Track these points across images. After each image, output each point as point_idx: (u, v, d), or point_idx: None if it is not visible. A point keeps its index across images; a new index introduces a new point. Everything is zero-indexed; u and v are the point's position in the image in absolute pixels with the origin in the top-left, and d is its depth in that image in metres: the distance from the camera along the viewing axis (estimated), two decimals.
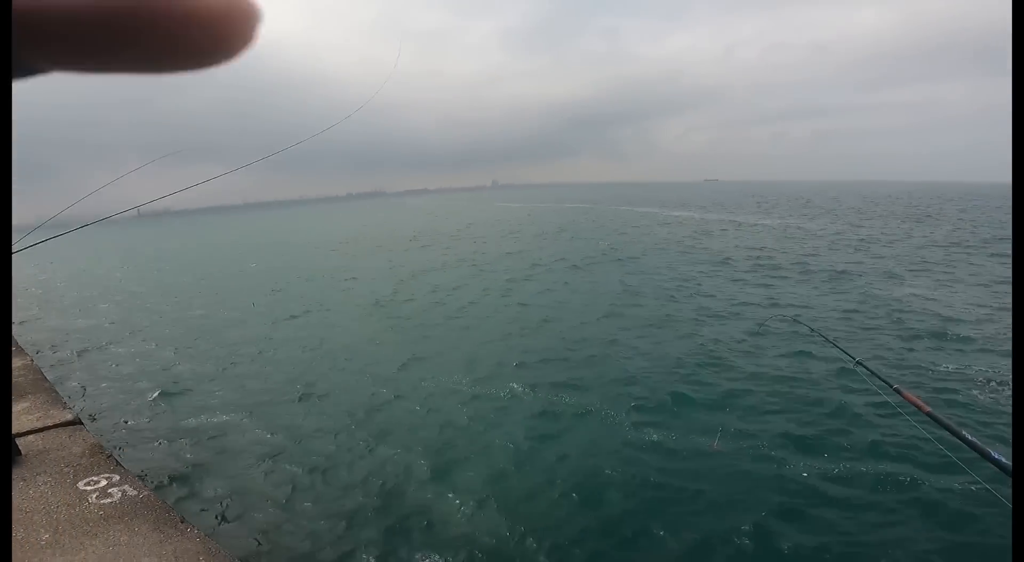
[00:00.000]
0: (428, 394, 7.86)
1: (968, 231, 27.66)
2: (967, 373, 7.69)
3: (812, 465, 5.39)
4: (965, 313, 10.94)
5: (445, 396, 7.75)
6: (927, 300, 12.16)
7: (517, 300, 14.09)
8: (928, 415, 2.45)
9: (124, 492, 3.59)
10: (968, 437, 2.39)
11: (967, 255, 18.96)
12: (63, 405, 5.35)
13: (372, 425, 6.95)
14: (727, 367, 8.25)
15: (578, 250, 24.04)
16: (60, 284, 22.04)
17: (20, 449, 3.98)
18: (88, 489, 3.60)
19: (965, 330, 9.68)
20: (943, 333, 9.56)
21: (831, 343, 3.50)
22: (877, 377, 2.59)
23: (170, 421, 7.41)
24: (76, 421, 4.91)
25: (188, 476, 5.81)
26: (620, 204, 70.61)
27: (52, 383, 6.17)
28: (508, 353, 9.53)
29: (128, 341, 12.09)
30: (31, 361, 6.37)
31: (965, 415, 6.36)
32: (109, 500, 3.47)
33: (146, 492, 3.69)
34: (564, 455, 5.87)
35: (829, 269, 16.50)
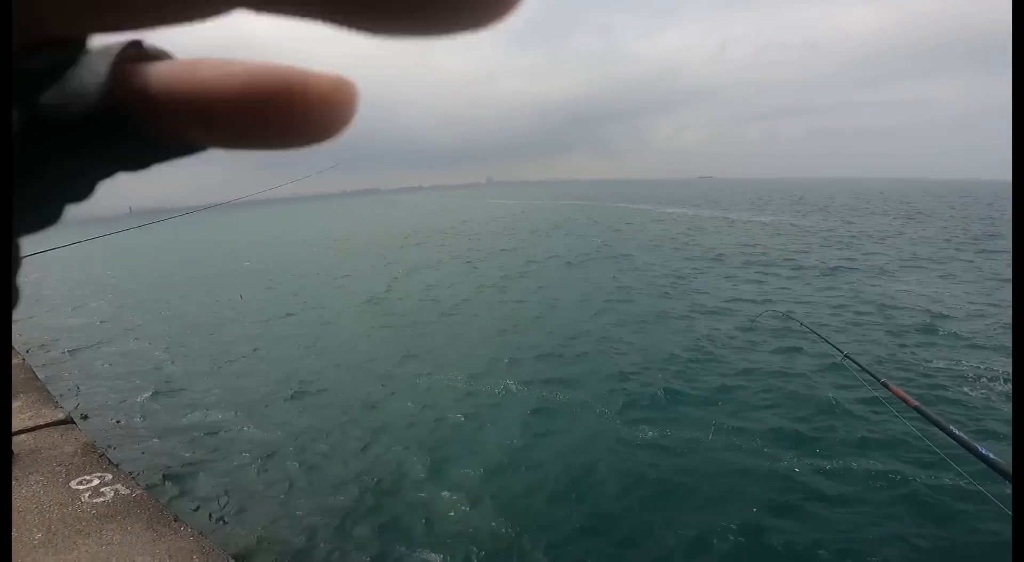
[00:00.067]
0: (423, 391, 7.87)
1: (960, 228, 27.89)
2: (957, 368, 7.75)
3: (799, 460, 5.43)
4: (955, 309, 11.05)
5: (440, 393, 7.76)
6: (917, 296, 12.27)
7: (511, 297, 14.10)
8: (915, 409, 2.47)
9: (117, 491, 3.58)
10: (955, 432, 2.38)
11: (957, 251, 19.13)
12: (55, 404, 5.33)
13: (367, 422, 6.95)
14: (719, 363, 8.31)
15: (572, 247, 24.06)
16: (52, 282, 21.85)
17: (12, 448, 3.97)
18: (81, 488, 3.59)
19: (955, 326, 9.78)
20: (933, 328, 9.65)
21: (821, 338, 3.54)
22: (864, 371, 2.62)
23: (163, 419, 7.39)
24: (68, 420, 4.90)
25: (181, 475, 5.80)
26: (614, 201, 70.66)
27: (44, 382, 6.15)
28: (502, 350, 9.54)
29: (120, 339, 12.02)
30: (23, 360, 6.35)
31: (954, 410, 6.41)
32: (102, 499, 3.47)
33: (139, 491, 3.69)
34: (557, 451, 5.91)
35: (821, 265, 16.61)
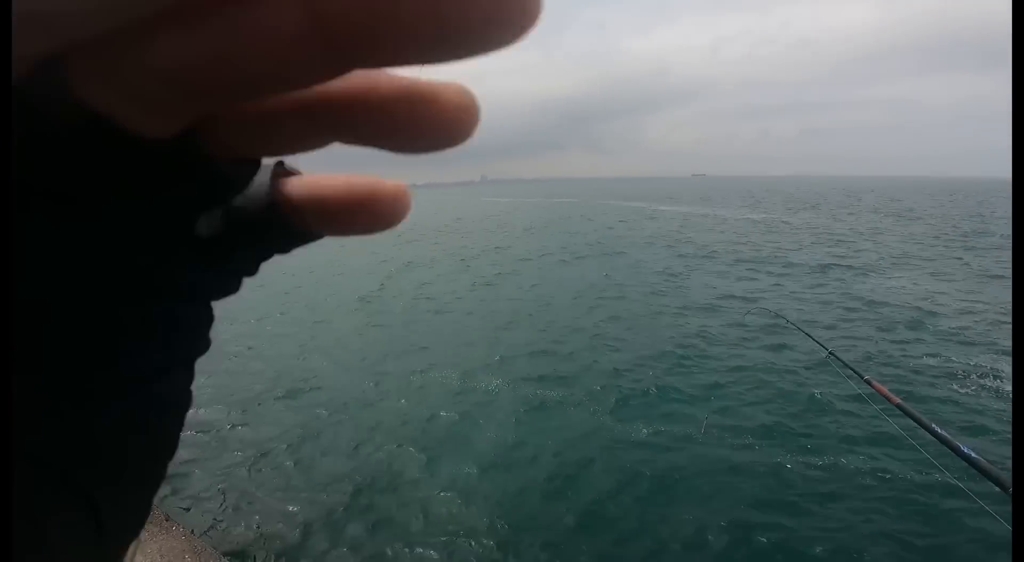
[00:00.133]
0: (416, 388, 7.88)
1: (950, 225, 28.19)
2: (945, 365, 7.82)
3: (784, 457, 5.48)
4: (944, 306, 11.17)
5: (433, 390, 7.77)
6: (906, 293, 12.40)
7: (504, 294, 14.12)
8: (898, 406, 2.49)
9: None
10: (937, 430, 2.38)
11: (947, 249, 19.33)
12: None
13: (359, 420, 6.96)
14: (709, 359, 8.38)
15: (566, 244, 24.09)
16: None
17: None
18: None
19: (944, 323, 9.90)
20: (922, 325, 9.76)
21: (807, 335, 3.58)
22: (848, 368, 2.66)
23: None
24: None
25: (173, 474, 5.78)
26: (608, 199, 70.79)
27: None
28: (495, 347, 9.56)
29: None
30: None
31: (943, 408, 6.47)
32: None
33: None
34: (549, 448, 5.94)
35: (810, 262, 16.74)
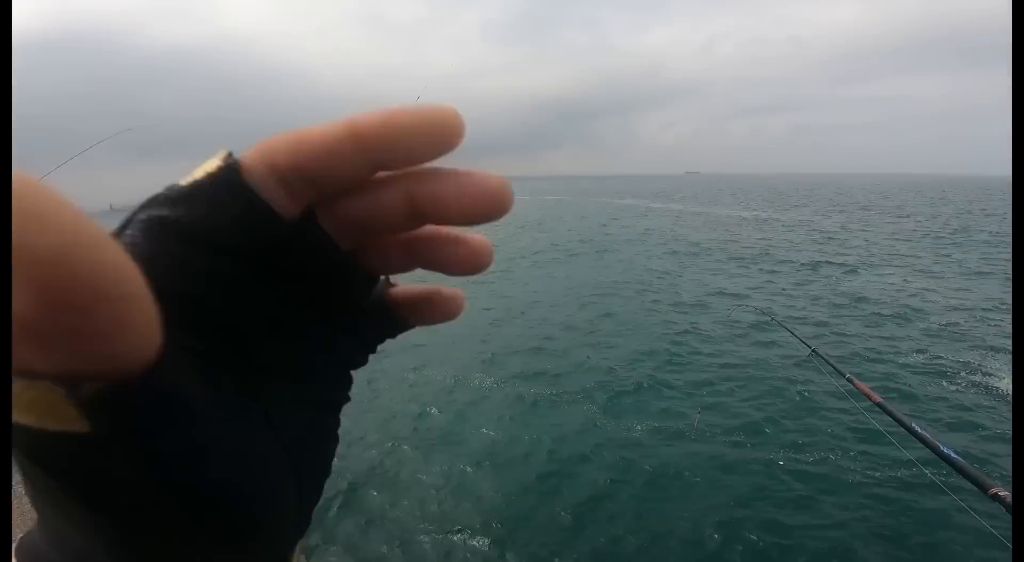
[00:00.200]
0: (407, 386, 7.91)
1: (940, 222, 28.48)
2: (933, 362, 7.87)
3: (769, 454, 5.50)
4: (932, 303, 11.30)
5: (422, 387, 7.80)
6: (895, 289, 12.53)
7: (496, 292, 14.13)
8: (878, 405, 2.52)
9: None
10: (917, 429, 2.36)
11: (937, 246, 19.53)
12: None
13: (350, 417, 6.97)
14: (699, 356, 8.47)
15: (559, 242, 24.13)
16: None
17: None
18: None
19: (932, 319, 10.01)
20: (909, 322, 9.87)
21: (790, 331, 3.64)
22: (830, 366, 2.70)
23: None
24: None
25: None
26: (601, 196, 70.89)
27: None
28: (486, 344, 9.60)
29: None
30: None
31: (930, 405, 6.51)
32: None
33: None
34: (541, 445, 5.98)
35: (800, 260, 16.88)
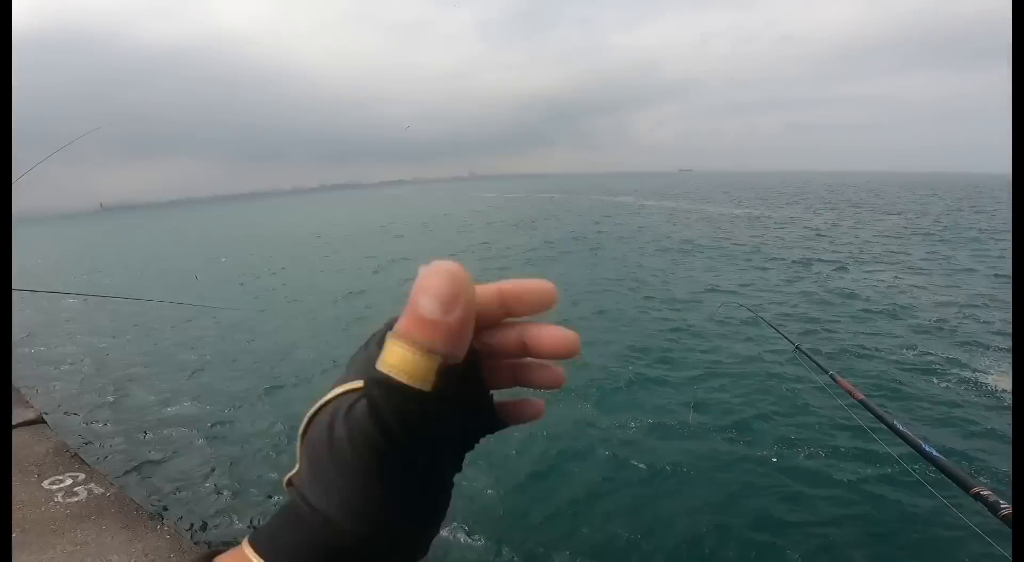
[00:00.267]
0: None
1: (930, 219, 28.74)
2: (922, 359, 7.92)
3: (756, 451, 5.58)
4: (921, 299, 11.40)
5: None
6: (884, 286, 12.64)
7: None
8: (860, 402, 2.55)
9: (90, 491, 3.60)
10: (899, 428, 2.37)
11: (926, 243, 19.70)
12: (25, 403, 5.27)
13: None
14: (691, 352, 8.55)
15: (552, 239, 24.20)
16: (17, 282, 21.26)
17: None
18: (54, 488, 3.60)
19: (921, 315, 10.11)
20: (898, 318, 9.97)
21: (775, 328, 3.68)
22: (814, 362, 2.74)
23: (136, 418, 7.32)
24: (39, 420, 4.86)
25: (157, 473, 5.78)
26: (595, 194, 71.02)
27: (12, 381, 6.05)
28: None
29: (90, 338, 11.82)
30: None
31: (917, 402, 6.54)
32: (75, 499, 3.48)
33: (114, 490, 3.70)
34: (534, 442, 6.02)
35: (791, 257, 16.99)
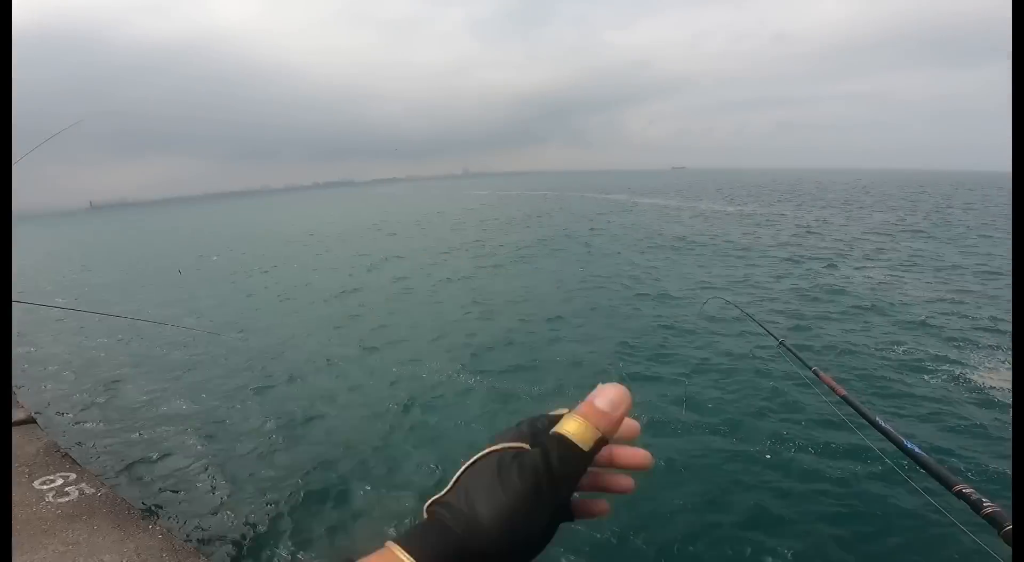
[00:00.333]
0: (391, 381, 7.96)
1: (920, 216, 29.03)
2: (911, 355, 8.03)
3: (747, 447, 5.67)
4: (910, 295, 11.53)
5: (407, 382, 7.85)
6: (876, 283, 12.77)
7: (481, 287, 14.21)
8: (842, 398, 2.58)
9: (81, 491, 3.60)
10: (880, 424, 2.42)
11: (922, 241, 19.88)
12: (16, 404, 5.26)
13: (336, 414, 7.01)
14: (682, 348, 8.67)
15: (545, 237, 24.26)
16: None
17: None
18: (44, 488, 3.60)
19: (910, 312, 10.23)
20: (886, 315, 10.08)
21: (758, 324, 3.73)
22: (797, 358, 2.78)
23: (128, 417, 7.30)
24: (30, 420, 4.84)
25: (148, 472, 5.77)
26: (588, 191, 71.15)
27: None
28: (471, 339, 9.68)
29: (79, 337, 11.76)
30: None
31: (905, 398, 6.62)
32: (67, 499, 3.49)
33: (105, 490, 3.71)
34: None
35: (781, 253, 17.13)
